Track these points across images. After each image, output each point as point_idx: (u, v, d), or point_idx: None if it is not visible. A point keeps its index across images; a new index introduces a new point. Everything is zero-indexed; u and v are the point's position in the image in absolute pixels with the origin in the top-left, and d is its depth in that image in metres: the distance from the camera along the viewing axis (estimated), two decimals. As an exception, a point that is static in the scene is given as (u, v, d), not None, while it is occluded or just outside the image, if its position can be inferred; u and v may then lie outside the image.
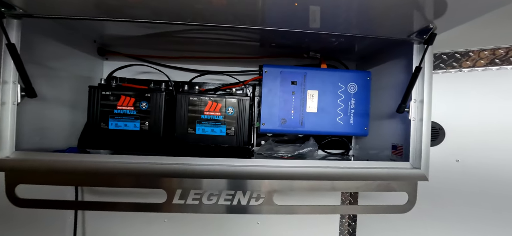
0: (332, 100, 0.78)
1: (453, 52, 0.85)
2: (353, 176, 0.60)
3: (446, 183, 0.86)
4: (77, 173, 0.55)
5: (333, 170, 0.60)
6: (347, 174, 0.59)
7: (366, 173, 0.60)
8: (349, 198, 1.01)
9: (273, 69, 0.77)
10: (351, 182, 0.62)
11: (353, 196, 1.01)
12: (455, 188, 0.86)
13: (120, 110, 0.73)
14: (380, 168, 0.61)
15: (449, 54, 0.86)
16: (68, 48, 0.77)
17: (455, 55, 0.85)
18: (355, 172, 0.60)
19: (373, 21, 0.57)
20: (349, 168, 0.60)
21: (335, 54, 0.92)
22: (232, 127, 0.75)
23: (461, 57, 0.85)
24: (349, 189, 0.63)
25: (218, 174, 0.57)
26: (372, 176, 0.61)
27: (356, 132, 0.79)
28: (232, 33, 0.79)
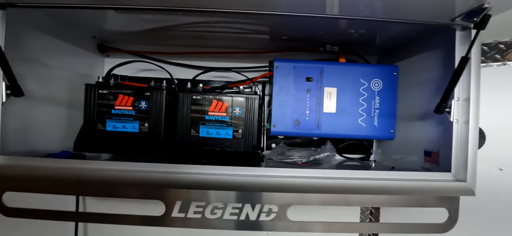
0: (353, 98, 0.68)
1: (497, 43, 0.73)
2: (382, 190, 0.50)
3: (486, 195, 0.74)
4: (67, 181, 0.49)
5: (363, 182, 0.51)
6: (379, 188, 0.50)
7: (398, 186, 0.51)
8: (369, 209, 0.91)
9: (285, 64, 0.68)
10: (382, 196, 0.52)
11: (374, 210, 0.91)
12: (498, 200, 0.74)
13: (118, 110, 0.67)
14: (415, 180, 0.52)
15: (491, 44, 0.74)
16: (64, 44, 0.72)
17: (499, 46, 0.73)
18: (385, 185, 0.50)
19: (406, 2, 0.47)
20: (377, 179, 0.51)
21: (354, 47, 0.82)
22: (239, 129, 0.67)
23: (506, 49, 0.73)
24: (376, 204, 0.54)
25: (224, 185, 0.49)
26: (406, 189, 0.52)
27: (381, 135, 0.69)
28: (239, 25, 0.71)
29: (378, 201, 0.56)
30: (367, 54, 0.85)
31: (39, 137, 0.64)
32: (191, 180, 0.49)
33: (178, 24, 0.72)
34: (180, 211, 0.51)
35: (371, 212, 0.91)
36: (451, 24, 0.50)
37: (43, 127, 0.65)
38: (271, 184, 0.50)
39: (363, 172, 0.53)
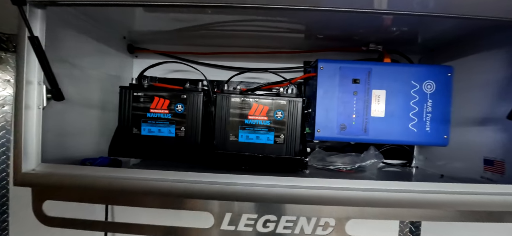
0: (404, 102, 0.63)
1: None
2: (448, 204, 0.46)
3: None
4: (110, 190, 0.46)
5: (421, 196, 0.46)
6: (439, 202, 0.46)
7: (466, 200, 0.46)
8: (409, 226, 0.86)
9: (330, 65, 0.64)
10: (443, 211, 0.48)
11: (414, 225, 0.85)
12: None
13: (154, 114, 0.64)
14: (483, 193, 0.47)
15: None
16: (96, 44, 0.69)
17: None
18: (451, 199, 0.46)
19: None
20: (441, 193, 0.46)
21: (395, 46, 0.77)
22: (281, 134, 0.64)
23: None
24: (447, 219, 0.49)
25: (276, 197, 0.45)
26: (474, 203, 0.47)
27: (433, 141, 0.64)
28: (271, 23, 0.67)
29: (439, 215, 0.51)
30: (409, 53, 0.79)
31: (74, 141, 0.61)
32: (240, 191, 0.46)
33: (207, 23, 0.68)
34: (230, 224, 0.47)
35: (410, 229, 0.86)
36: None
37: (78, 131, 0.62)
38: (325, 197, 0.46)
39: (425, 185, 0.48)
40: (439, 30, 0.65)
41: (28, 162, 0.47)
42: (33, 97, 0.47)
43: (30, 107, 0.47)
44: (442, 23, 0.60)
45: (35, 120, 0.47)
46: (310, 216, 0.47)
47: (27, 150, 0.46)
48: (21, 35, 0.45)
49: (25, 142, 0.46)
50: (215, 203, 0.47)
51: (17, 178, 0.47)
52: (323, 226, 0.47)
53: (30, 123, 0.47)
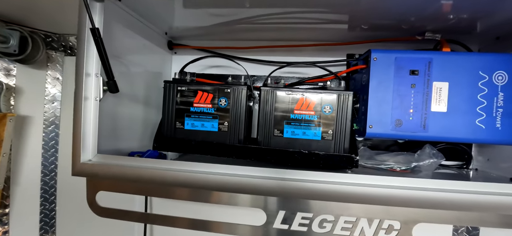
0: (470, 95, 0.57)
1: None
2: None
3: None
4: (164, 183, 0.46)
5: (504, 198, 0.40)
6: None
7: None
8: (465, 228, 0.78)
9: (384, 55, 0.59)
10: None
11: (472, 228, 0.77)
12: None
13: (197, 108, 0.64)
14: None
15: None
16: (143, 40, 0.70)
17: None
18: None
19: None
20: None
21: (453, 35, 0.69)
22: (329, 129, 0.60)
23: None
24: None
25: (335, 195, 0.42)
26: None
27: (506, 139, 0.56)
28: (313, 15, 0.64)
29: None
30: (468, 43, 0.72)
31: (123, 136, 0.63)
32: (295, 187, 0.43)
33: (245, 18, 0.67)
34: (283, 222, 0.45)
35: (467, 229, 0.78)
36: None
37: (126, 125, 0.64)
38: (389, 197, 0.42)
39: (498, 186, 0.42)
40: (506, 15, 0.57)
41: (86, 153, 0.48)
42: (91, 88, 0.48)
43: (88, 99, 0.48)
44: (508, 5, 0.52)
45: (93, 112, 0.48)
46: (372, 217, 0.43)
47: (85, 141, 0.48)
48: (81, 27, 0.46)
49: (84, 133, 0.47)
50: (268, 199, 0.45)
51: (75, 168, 0.48)
52: (386, 229, 0.43)
53: (88, 114, 0.48)
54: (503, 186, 0.41)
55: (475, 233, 0.77)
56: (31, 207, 0.93)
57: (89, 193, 0.51)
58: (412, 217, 0.42)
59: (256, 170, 0.44)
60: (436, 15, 0.58)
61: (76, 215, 0.93)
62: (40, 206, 0.93)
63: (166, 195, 0.46)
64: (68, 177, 0.71)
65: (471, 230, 0.78)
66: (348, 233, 0.44)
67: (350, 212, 0.44)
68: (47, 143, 0.92)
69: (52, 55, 0.92)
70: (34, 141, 0.92)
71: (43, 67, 0.91)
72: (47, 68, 0.92)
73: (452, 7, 0.55)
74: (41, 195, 0.93)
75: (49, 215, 0.94)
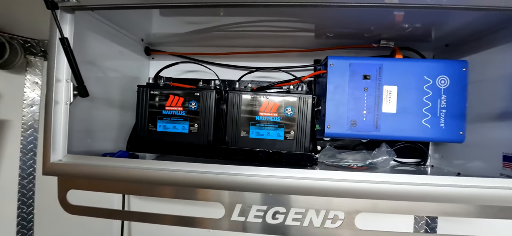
0: (416, 97, 0.62)
1: None
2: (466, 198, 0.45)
3: None
4: (129, 180, 0.49)
5: (445, 190, 0.46)
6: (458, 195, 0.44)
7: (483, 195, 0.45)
8: (425, 219, 0.83)
9: (340, 61, 0.64)
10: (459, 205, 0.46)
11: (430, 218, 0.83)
12: None
13: (169, 111, 0.67)
14: (506, 188, 0.45)
15: None
16: (117, 47, 0.74)
17: None
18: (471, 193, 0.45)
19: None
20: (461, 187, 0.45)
21: (409, 42, 0.76)
22: (291, 130, 0.65)
23: None
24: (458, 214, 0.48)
25: (288, 189, 0.46)
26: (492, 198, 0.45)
27: (449, 137, 0.62)
28: (282, 23, 0.69)
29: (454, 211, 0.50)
30: (422, 50, 0.78)
31: (97, 137, 0.65)
32: (251, 182, 0.47)
33: (219, 25, 0.71)
34: (240, 214, 0.49)
35: (426, 222, 0.83)
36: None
37: (99, 128, 0.66)
38: (337, 189, 0.47)
39: (439, 178, 0.47)
40: (453, 25, 0.64)
41: (56, 153, 0.51)
42: (61, 93, 0.51)
43: (58, 103, 0.51)
44: (456, 16, 0.59)
45: (63, 114, 0.51)
46: (319, 208, 0.47)
47: (55, 142, 0.51)
48: (52, 37, 0.49)
49: (54, 135, 0.50)
50: (225, 193, 0.49)
51: (45, 167, 0.51)
52: (332, 219, 0.47)
53: (58, 117, 0.51)
54: (433, 178, 0.47)
55: (434, 225, 0.83)
56: (8, 211, 0.94)
57: (60, 191, 0.53)
58: (354, 207, 0.47)
59: (211, 166, 0.48)
60: (392, 24, 0.64)
61: (54, 218, 0.95)
62: (17, 210, 0.94)
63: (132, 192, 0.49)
64: (47, 181, 0.74)
65: (430, 222, 0.83)
66: (298, 223, 0.48)
67: (299, 204, 0.48)
68: (25, 147, 0.94)
69: (31, 60, 0.94)
70: (12, 145, 0.93)
71: (22, 72, 0.93)
72: (26, 73, 0.93)
73: (404, 18, 0.60)
74: (19, 198, 0.94)
75: (27, 219, 0.95)
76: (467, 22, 0.61)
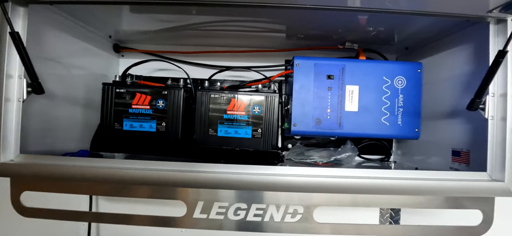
0: (376, 97, 0.66)
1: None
2: (414, 190, 0.48)
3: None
4: (87, 180, 0.48)
5: (390, 182, 0.49)
6: (407, 188, 0.48)
7: (431, 186, 0.48)
8: (389, 212, 0.88)
9: (305, 62, 0.66)
10: (410, 197, 0.50)
11: (394, 211, 0.88)
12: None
13: (135, 109, 0.66)
14: (447, 179, 0.49)
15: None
16: (82, 43, 0.71)
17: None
18: (418, 185, 0.48)
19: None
20: (410, 179, 0.48)
21: (373, 45, 0.80)
22: (258, 128, 0.66)
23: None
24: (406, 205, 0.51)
25: (246, 184, 0.47)
26: (438, 189, 0.49)
27: (405, 134, 0.66)
28: (254, 24, 0.70)
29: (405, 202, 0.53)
30: (386, 52, 0.83)
31: (57, 137, 0.63)
32: (215, 179, 0.48)
33: (192, 24, 0.71)
34: (202, 212, 0.49)
35: (390, 215, 0.88)
36: (486, 17, 0.48)
37: (61, 127, 0.64)
38: (294, 184, 0.48)
39: (391, 172, 0.51)
40: (411, 30, 0.68)
41: (7, 153, 0.48)
42: (13, 90, 0.49)
43: (10, 100, 0.48)
44: (412, 21, 0.63)
45: (15, 112, 0.49)
46: (279, 204, 0.49)
47: (6, 141, 0.48)
48: (2, 30, 0.47)
49: (4, 133, 0.48)
50: (186, 191, 0.49)
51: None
52: (291, 214, 0.49)
53: (9, 115, 0.48)
54: (386, 172, 0.50)
55: (397, 218, 0.88)
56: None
57: (13, 193, 0.51)
58: (312, 202, 0.49)
59: (171, 164, 0.48)
60: (357, 27, 0.67)
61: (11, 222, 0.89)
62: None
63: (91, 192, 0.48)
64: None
65: (394, 215, 0.88)
66: (259, 219, 0.49)
67: (261, 200, 0.49)
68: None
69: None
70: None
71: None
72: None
73: (368, 21, 0.63)
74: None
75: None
76: (423, 27, 0.65)
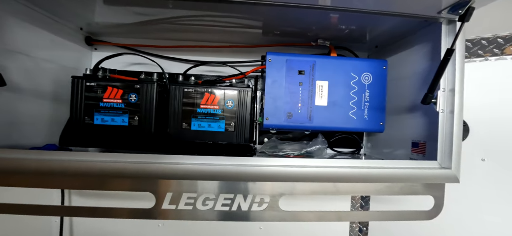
0: (344, 92, 0.69)
1: (479, 39, 0.76)
2: (371, 178, 0.51)
3: (469, 184, 0.77)
4: (52, 173, 0.47)
5: (349, 170, 0.52)
6: (365, 175, 0.51)
7: (387, 174, 0.52)
8: (360, 201, 0.93)
9: (277, 57, 0.68)
10: (369, 184, 0.53)
11: (364, 200, 0.93)
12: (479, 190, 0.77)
13: (107, 103, 0.66)
14: (402, 168, 0.53)
15: (475, 40, 0.77)
16: (50, 36, 0.69)
17: (481, 42, 0.76)
18: (374, 173, 0.51)
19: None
20: (367, 168, 0.52)
21: (346, 43, 0.83)
22: (231, 122, 0.67)
23: (488, 44, 0.76)
24: (366, 192, 0.55)
25: (214, 175, 0.49)
26: (394, 177, 0.53)
27: (371, 128, 0.70)
28: (231, 19, 0.71)
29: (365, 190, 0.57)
30: (358, 50, 0.86)
31: (24, 131, 0.61)
32: (182, 170, 0.49)
33: (168, 18, 0.71)
34: (171, 203, 0.50)
35: (361, 204, 0.93)
36: (437, 17, 0.52)
37: (28, 121, 0.62)
38: (261, 174, 0.50)
39: (350, 161, 0.54)
40: (379, 29, 0.72)
41: (-36, 147, 0.47)
42: (-30, 82, 0.47)
43: (-33, 92, 0.47)
44: (380, 21, 0.66)
45: (-27, 105, 0.47)
46: (246, 193, 0.51)
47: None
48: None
49: (-39, 127, 0.46)
50: (155, 182, 0.49)
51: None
52: (258, 203, 0.51)
53: (-33, 108, 0.47)
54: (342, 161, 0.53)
55: (367, 207, 0.93)
56: None
57: (-28, 189, 0.49)
58: (276, 191, 0.51)
59: (139, 157, 0.48)
60: (329, 25, 0.69)
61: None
62: None
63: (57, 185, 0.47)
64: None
65: (364, 204, 0.93)
66: (227, 208, 0.51)
67: (228, 190, 0.51)
68: None
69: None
70: None
71: None
72: None
73: (339, 19, 0.66)
74: None
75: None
76: (389, 26, 0.69)
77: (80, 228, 0.86)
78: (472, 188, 0.77)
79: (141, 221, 0.88)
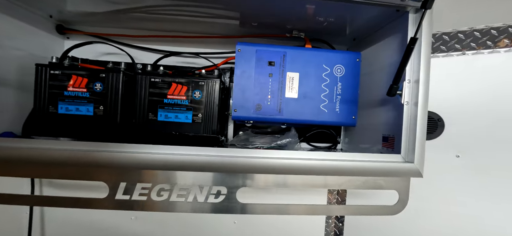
0: (316, 84, 0.68)
1: (456, 32, 0.74)
2: (331, 171, 0.50)
3: (443, 181, 0.75)
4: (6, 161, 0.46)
5: (306, 162, 0.51)
6: (323, 168, 0.50)
7: (347, 167, 0.51)
8: (336, 197, 0.92)
9: (247, 47, 0.67)
10: (328, 177, 0.52)
11: (341, 195, 0.92)
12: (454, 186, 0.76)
13: (71, 92, 0.64)
14: (365, 161, 0.52)
15: (451, 34, 0.75)
16: (16, 22, 0.68)
17: (458, 35, 0.74)
18: (334, 166, 0.50)
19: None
20: (327, 160, 0.50)
21: (324, 35, 0.81)
22: (199, 113, 0.66)
23: (465, 38, 0.74)
24: (325, 186, 0.53)
25: (174, 165, 0.47)
26: (355, 170, 0.52)
27: (343, 121, 0.69)
28: (207, 10, 0.69)
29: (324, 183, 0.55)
30: (338, 44, 0.84)
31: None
32: (136, 159, 0.47)
33: (145, 6, 0.69)
34: (125, 193, 0.49)
35: (337, 201, 0.92)
36: (404, 5, 0.50)
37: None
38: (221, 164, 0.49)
39: (309, 154, 0.52)
40: (355, 22, 0.70)
41: None
42: None
43: None
44: (355, 12, 0.64)
45: None
46: (203, 184, 0.49)
47: None
48: None
49: None
50: (108, 172, 0.48)
51: None
52: (215, 194, 0.50)
53: None
54: (306, 154, 0.51)
55: (344, 201, 0.92)
56: None
57: None
58: (235, 183, 0.50)
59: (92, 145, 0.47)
60: (307, 17, 0.67)
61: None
62: None
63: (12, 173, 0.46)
64: None
65: (340, 199, 0.92)
66: (183, 199, 0.50)
67: (184, 181, 0.49)
68: None
69: None
70: None
71: None
72: None
73: (315, 11, 0.64)
74: None
75: None
76: (364, 19, 0.67)
77: (51, 218, 0.85)
78: (445, 184, 0.75)
79: (115, 214, 0.88)
